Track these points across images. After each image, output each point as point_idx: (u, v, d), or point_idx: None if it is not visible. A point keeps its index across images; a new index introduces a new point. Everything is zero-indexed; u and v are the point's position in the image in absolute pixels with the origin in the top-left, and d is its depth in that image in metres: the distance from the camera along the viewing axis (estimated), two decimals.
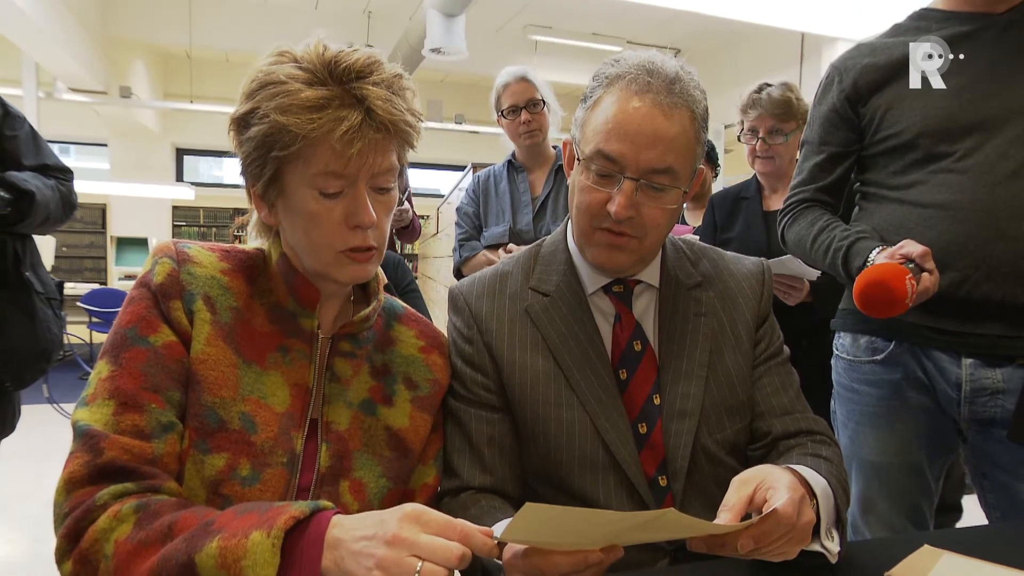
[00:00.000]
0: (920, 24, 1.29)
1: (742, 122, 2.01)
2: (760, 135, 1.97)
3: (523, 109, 2.14)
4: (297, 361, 0.83)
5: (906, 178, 1.26)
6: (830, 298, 1.79)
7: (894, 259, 1.13)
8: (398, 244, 2.98)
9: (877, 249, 1.20)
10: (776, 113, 1.93)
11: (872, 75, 1.29)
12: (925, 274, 1.11)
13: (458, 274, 2.37)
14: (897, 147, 1.27)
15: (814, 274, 1.77)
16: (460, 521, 0.62)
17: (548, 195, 2.19)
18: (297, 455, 0.80)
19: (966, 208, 1.17)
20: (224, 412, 0.77)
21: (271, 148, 0.76)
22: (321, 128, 0.74)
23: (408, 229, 2.74)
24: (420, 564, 0.58)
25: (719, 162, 3.09)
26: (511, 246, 2.16)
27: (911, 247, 1.13)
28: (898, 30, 1.32)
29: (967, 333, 1.20)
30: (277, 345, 0.83)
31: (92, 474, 0.70)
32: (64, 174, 1.88)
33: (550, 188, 2.19)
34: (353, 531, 0.62)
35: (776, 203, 2.04)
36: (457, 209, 2.43)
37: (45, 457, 2.66)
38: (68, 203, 1.86)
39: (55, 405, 3.48)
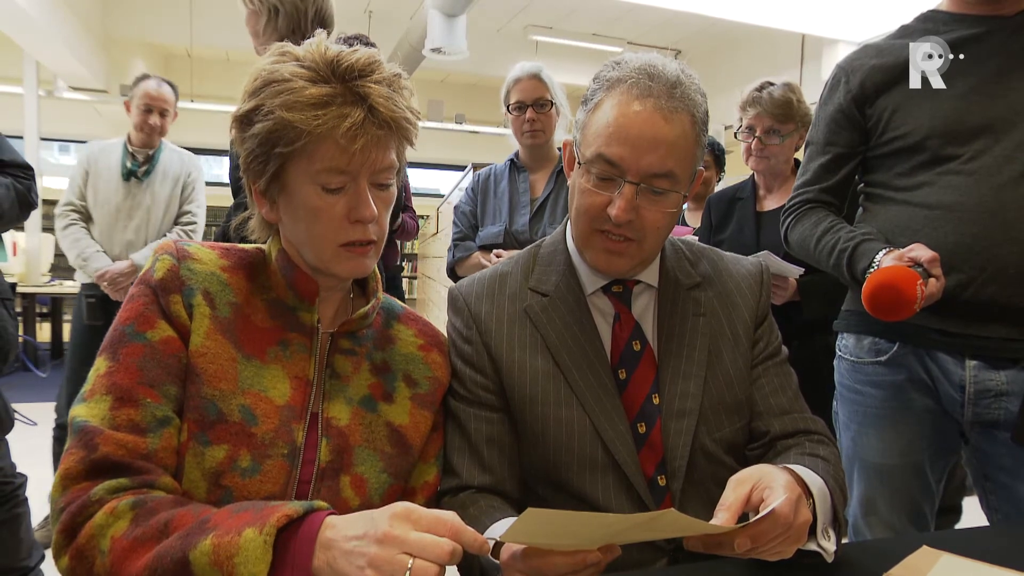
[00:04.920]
0: (928, 26, 1.29)
1: (740, 119, 2.01)
2: (757, 134, 1.97)
3: (529, 107, 2.12)
4: (297, 354, 0.84)
5: (912, 179, 1.26)
6: (816, 299, 1.81)
7: (902, 262, 1.14)
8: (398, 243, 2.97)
9: (883, 251, 1.19)
10: (775, 113, 1.93)
11: (879, 76, 1.29)
12: (931, 279, 1.12)
13: (451, 273, 2.34)
14: (904, 148, 1.27)
15: (796, 271, 1.78)
16: (451, 515, 0.63)
17: (548, 197, 2.16)
18: (298, 447, 0.80)
19: (972, 210, 1.17)
20: (223, 404, 0.77)
21: (275, 144, 0.77)
22: (325, 124, 0.75)
23: (402, 231, 2.73)
24: (411, 561, 0.59)
25: (724, 166, 3.08)
26: (500, 251, 2.14)
27: (920, 251, 1.13)
28: (905, 31, 1.32)
29: (972, 335, 1.20)
30: (278, 340, 0.84)
31: (87, 470, 0.70)
32: (23, 171, 1.85)
33: (550, 190, 2.17)
34: (345, 531, 0.62)
35: (770, 204, 2.05)
36: (455, 207, 2.41)
37: (48, 455, 2.68)
38: (25, 201, 1.83)
39: None
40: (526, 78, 2.11)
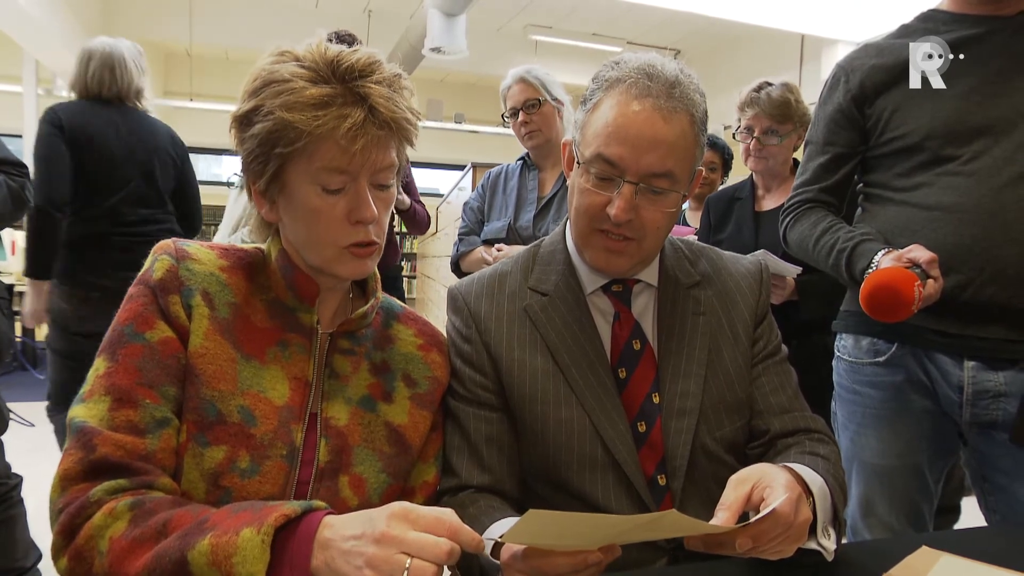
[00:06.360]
0: (928, 25, 1.29)
1: (739, 119, 2.01)
2: (755, 134, 1.97)
3: (521, 110, 2.14)
4: (296, 355, 0.84)
5: (911, 180, 1.26)
6: (815, 299, 1.81)
7: (900, 263, 1.13)
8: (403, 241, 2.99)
9: (882, 251, 1.19)
10: (773, 114, 1.93)
11: (879, 76, 1.29)
12: (930, 280, 1.11)
13: (455, 267, 2.36)
14: (903, 149, 1.26)
15: (795, 270, 1.78)
16: (449, 514, 0.63)
17: (555, 194, 2.18)
18: (297, 448, 0.80)
19: (971, 211, 1.17)
20: (223, 405, 0.77)
21: (275, 145, 0.77)
22: (326, 125, 0.75)
23: (413, 219, 2.76)
24: (409, 561, 0.59)
25: (730, 170, 3.07)
26: (501, 245, 2.16)
27: (919, 252, 1.13)
28: (906, 31, 1.32)
29: (970, 336, 1.20)
30: (277, 340, 0.84)
31: (86, 470, 0.70)
32: (17, 169, 1.85)
33: (558, 188, 2.18)
34: (343, 531, 0.62)
35: (769, 204, 2.05)
36: (464, 203, 2.43)
37: (47, 454, 2.69)
38: (19, 199, 1.83)
39: None
40: (513, 84, 2.15)
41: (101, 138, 2.27)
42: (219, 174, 9.63)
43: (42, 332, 6.89)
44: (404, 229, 2.96)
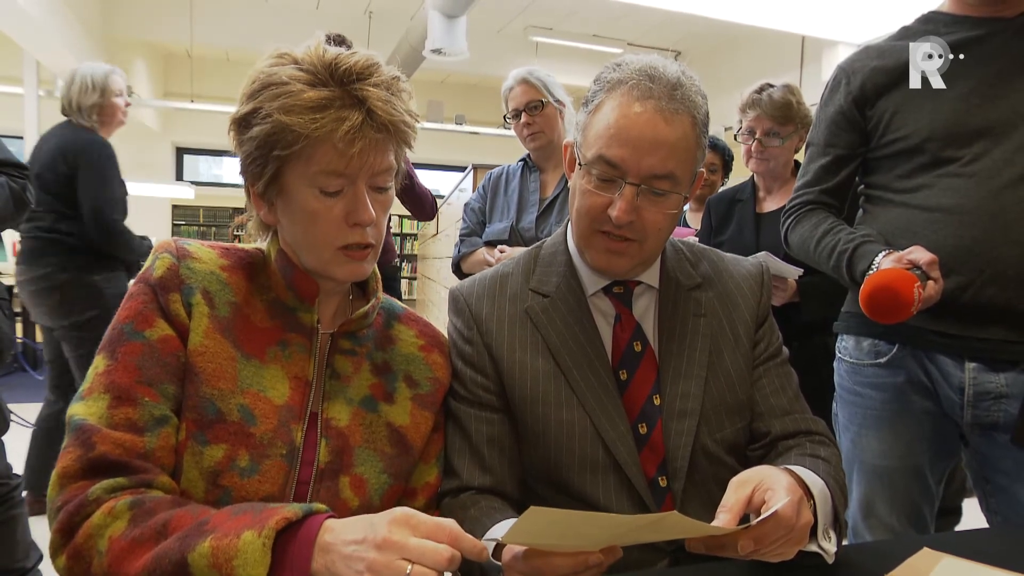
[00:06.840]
0: (928, 27, 1.29)
1: (740, 120, 2.01)
2: (756, 136, 1.97)
3: (523, 112, 2.14)
4: (296, 355, 0.84)
5: (912, 182, 1.26)
6: (816, 300, 1.81)
7: (901, 264, 1.13)
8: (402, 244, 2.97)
9: (883, 253, 1.19)
10: (774, 115, 1.93)
11: (880, 78, 1.29)
12: (930, 282, 1.11)
13: (456, 268, 2.36)
14: (904, 151, 1.26)
15: (796, 272, 1.78)
16: (450, 522, 0.63)
17: (557, 196, 2.18)
18: (297, 448, 0.80)
19: (971, 212, 1.17)
20: (222, 404, 0.77)
21: (273, 147, 0.77)
22: (323, 128, 0.75)
23: (413, 193, 2.70)
24: (410, 567, 0.59)
25: (730, 172, 3.07)
26: (504, 246, 2.16)
27: (919, 254, 1.13)
28: (906, 33, 1.32)
29: (971, 337, 1.20)
30: (277, 340, 0.84)
31: (84, 468, 0.70)
32: (18, 170, 1.87)
33: (560, 189, 2.18)
34: (343, 535, 0.63)
35: (770, 205, 2.05)
36: (465, 204, 2.44)
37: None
38: (20, 200, 1.85)
39: None
40: (516, 85, 2.15)
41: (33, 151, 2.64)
42: (220, 175, 9.64)
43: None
44: (403, 229, 2.92)
